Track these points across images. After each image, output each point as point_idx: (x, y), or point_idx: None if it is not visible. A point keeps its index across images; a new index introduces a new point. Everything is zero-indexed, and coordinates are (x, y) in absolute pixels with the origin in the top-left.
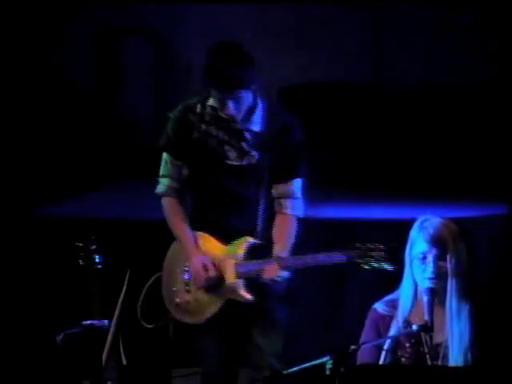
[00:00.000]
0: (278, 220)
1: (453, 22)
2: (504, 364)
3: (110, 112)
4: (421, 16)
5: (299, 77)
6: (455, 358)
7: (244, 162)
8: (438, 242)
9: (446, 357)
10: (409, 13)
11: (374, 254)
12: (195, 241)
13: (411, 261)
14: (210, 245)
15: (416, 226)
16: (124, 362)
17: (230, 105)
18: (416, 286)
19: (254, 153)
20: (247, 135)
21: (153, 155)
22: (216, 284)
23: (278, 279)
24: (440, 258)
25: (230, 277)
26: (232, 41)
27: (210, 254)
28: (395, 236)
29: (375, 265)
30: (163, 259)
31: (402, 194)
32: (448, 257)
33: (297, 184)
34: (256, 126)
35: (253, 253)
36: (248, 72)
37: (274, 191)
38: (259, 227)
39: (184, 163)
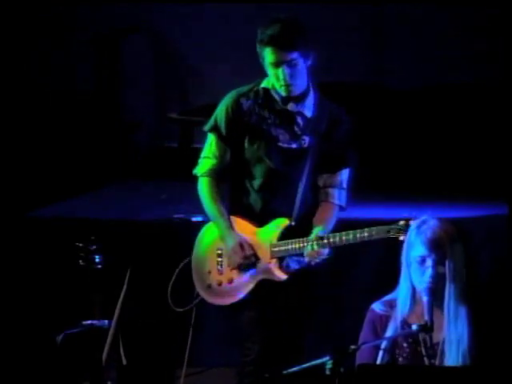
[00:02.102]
0: (322, 207)
1: (453, 22)
2: (503, 364)
3: (110, 112)
4: (420, 16)
5: None
6: (453, 359)
7: (294, 146)
8: (436, 246)
9: (443, 355)
10: (409, 13)
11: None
12: (230, 222)
13: (409, 263)
14: (243, 227)
15: (413, 228)
16: (124, 362)
17: (286, 70)
18: (413, 286)
19: (305, 137)
20: (299, 119)
21: (153, 155)
22: (250, 264)
23: (318, 258)
24: (439, 262)
25: (265, 257)
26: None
27: (244, 236)
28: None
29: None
30: (163, 259)
31: (401, 193)
32: (446, 262)
33: (344, 174)
34: (308, 111)
35: (287, 234)
36: (303, 39)
37: (321, 181)
38: (296, 210)
39: (229, 146)
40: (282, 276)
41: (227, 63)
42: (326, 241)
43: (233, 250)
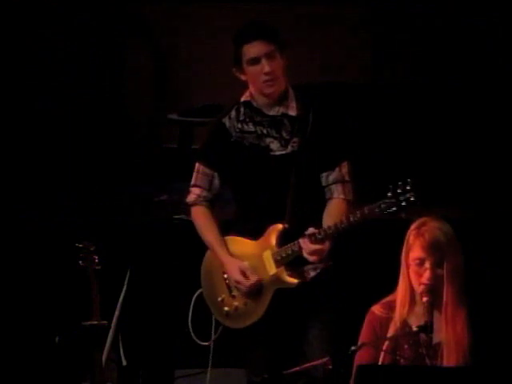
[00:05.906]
0: (329, 205)
1: (453, 23)
2: (503, 364)
3: (109, 112)
4: (421, 16)
5: (299, 77)
6: (453, 360)
7: (286, 151)
8: (435, 249)
9: (443, 356)
10: (409, 13)
11: (401, 198)
12: (227, 247)
13: (408, 264)
14: (242, 245)
15: (412, 230)
16: (124, 362)
17: (267, 63)
18: (412, 287)
19: (295, 139)
20: (285, 121)
21: (153, 156)
22: (257, 287)
23: (320, 255)
24: (437, 264)
25: (271, 268)
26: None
27: (243, 255)
28: (393, 235)
29: (406, 210)
30: (163, 259)
31: None
32: (445, 264)
33: (344, 168)
34: (292, 110)
35: (284, 239)
36: (278, 33)
37: (323, 180)
38: (289, 212)
39: (216, 171)
40: (293, 281)
41: (228, 64)
42: (320, 235)
43: (236, 281)
